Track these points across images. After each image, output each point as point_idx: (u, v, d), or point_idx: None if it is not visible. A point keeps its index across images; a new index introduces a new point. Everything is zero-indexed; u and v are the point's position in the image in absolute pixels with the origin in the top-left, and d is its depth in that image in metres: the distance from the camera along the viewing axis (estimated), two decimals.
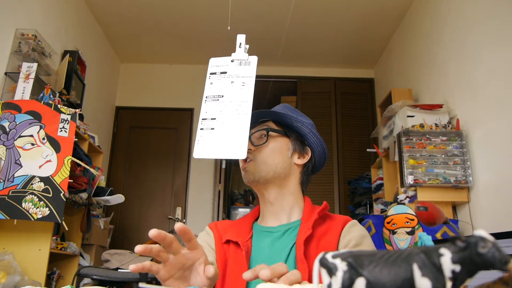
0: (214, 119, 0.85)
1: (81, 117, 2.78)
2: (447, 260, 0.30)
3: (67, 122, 2.29)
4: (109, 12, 3.59)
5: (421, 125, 2.49)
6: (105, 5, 3.49)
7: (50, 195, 2.13)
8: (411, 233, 1.65)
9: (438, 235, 2.07)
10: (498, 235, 1.46)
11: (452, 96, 2.57)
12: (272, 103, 4.42)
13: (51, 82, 2.70)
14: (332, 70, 4.39)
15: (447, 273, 0.29)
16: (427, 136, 2.41)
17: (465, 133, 2.36)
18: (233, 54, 0.95)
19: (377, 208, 3.04)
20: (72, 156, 2.26)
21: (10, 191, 2.10)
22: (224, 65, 0.93)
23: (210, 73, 0.94)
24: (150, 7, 3.48)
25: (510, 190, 1.95)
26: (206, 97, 0.89)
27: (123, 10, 3.54)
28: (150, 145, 4.25)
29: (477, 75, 2.29)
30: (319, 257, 0.35)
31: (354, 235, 0.88)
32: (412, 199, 2.37)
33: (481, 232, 0.29)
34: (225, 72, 0.93)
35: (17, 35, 2.47)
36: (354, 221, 0.93)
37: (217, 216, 3.52)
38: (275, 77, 4.21)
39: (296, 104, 4.21)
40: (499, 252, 0.28)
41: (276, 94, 4.38)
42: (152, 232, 0.60)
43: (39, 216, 2.09)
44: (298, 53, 4.18)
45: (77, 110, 2.38)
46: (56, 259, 2.56)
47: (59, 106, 2.31)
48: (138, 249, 0.59)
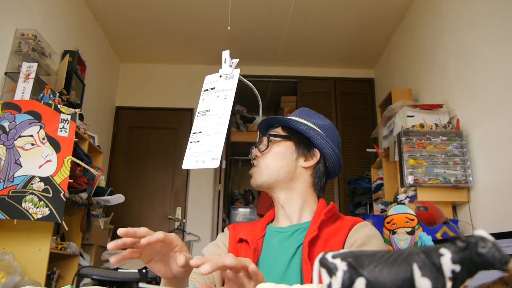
0: (201, 133, 0.93)
1: (81, 117, 2.78)
2: (447, 260, 0.30)
3: (67, 122, 2.29)
4: (109, 12, 3.59)
5: (421, 125, 2.49)
6: (105, 5, 3.49)
7: (50, 195, 2.13)
8: (411, 233, 1.65)
9: (438, 235, 2.07)
10: (498, 235, 1.46)
11: (452, 96, 2.57)
12: (272, 103, 4.43)
13: (51, 82, 2.70)
14: (332, 70, 4.39)
15: (447, 273, 0.29)
16: (427, 136, 2.42)
17: (465, 133, 2.36)
18: (220, 70, 1.00)
19: (377, 208, 3.04)
20: (72, 156, 2.26)
21: (10, 191, 2.10)
22: (214, 81, 0.99)
23: (204, 90, 1.00)
24: (150, 7, 3.48)
25: (510, 190, 1.95)
26: (198, 113, 0.97)
27: (123, 10, 3.54)
28: (150, 145, 4.25)
29: (477, 75, 2.29)
30: (319, 257, 0.35)
31: (361, 235, 0.88)
32: (412, 199, 2.37)
33: (481, 232, 0.29)
34: (214, 88, 0.98)
35: (17, 35, 2.47)
36: (365, 223, 0.93)
37: (217, 216, 3.52)
38: (275, 77, 4.21)
39: (296, 104, 4.22)
40: (499, 252, 0.28)
41: (276, 94, 4.38)
42: (120, 231, 0.63)
43: (39, 216, 2.09)
44: (298, 53, 4.18)
45: (77, 110, 2.38)
46: (56, 259, 2.56)
47: (59, 106, 2.31)
48: (110, 246, 0.62)
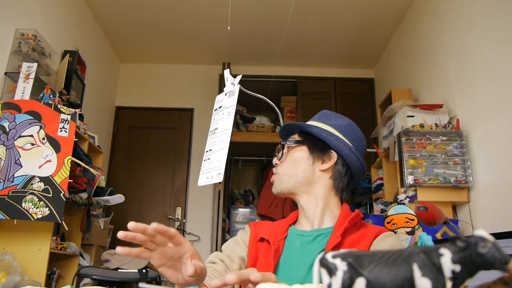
0: (211, 150, 0.98)
1: (81, 117, 2.78)
2: (447, 260, 0.30)
3: (67, 122, 2.29)
4: (109, 12, 3.59)
5: (421, 125, 2.49)
6: (105, 5, 3.49)
7: (50, 195, 2.13)
8: (411, 233, 1.65)
9: (438, 235, 2.07)
10: (498, 235, 1.46)
11: (452, 96, 2.57)
12: (273, 103, 4.42)
13: (51, 82, 2.70)
14: (332, 70, 4.39)
15: (447, 273, 0.29)
16: (427, 136, 2.41)
17: (465, 133, 2.36)
18: (225, 88, 1.05)
19: (377, 208, 3.04)
20: (72, 156, 2.26)
21: (10, 191, 2.10)
22: (221, 100, 1.05)
23: (214, 110, 1.06)
24: (150, 7, 3.48)
25: (510, 190, 1.95)
26: (210, 132, 1.03)
27: (123, 10, 3.54)
28: (150, 145, 4.25)
29: (477, 75, 2.29)
30: (319, 257, 0.35)
31: (386, 246, 0.87)
32: (412, 199, 2.37)
33: (481, 232, 0.29)
34: (221, 107, 1.04)
35: (17, 35, 2.47)
36: (389, 233, 0.93)
37: (217, 216, 3.51)
38: (275, 77, 4.20)
39: (296, 104, 4.21)
40: (499, 252, 0.28)
41: (276, 94, 4.38)
42: (130, 225, 0.61)
43: (39, 216, 2.09)
44: (298, 53, 4.18)
45: (77, 110, 2.38)
46: (56, 259, 2.56)
47: (59, 106, 2.31)
48: (120, 235, 0.60)
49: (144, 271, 2.37)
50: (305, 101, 4.16)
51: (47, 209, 2.11)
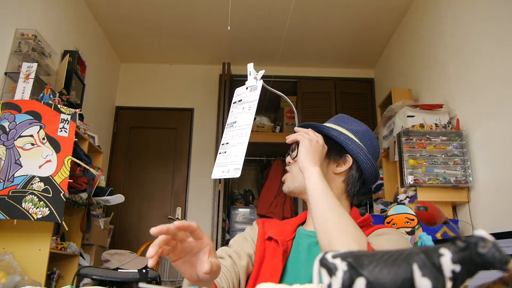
0: (228, 144, 0.96)
1: (81, 117, 2.78)
2: (447, 260, 0.30)
3: (67, 122, 2.29)
4: (109, 12, 3.59)
5: (421, 125, 2.49)
6: (105, 5, 3.49)
7: (50, 195, 2.13)
8: (411, 233, 1.65)
9: (438, 235, 2.07)
10: (498, 235, 1.46)
11: (452, 96, 2.57)
12: (272, 103, 4.43)
13: (51, 82, 2.70)
14: (332, 70, 4.39)
15: (447, 273, 0.29)
16: (427, 136, 2.41)
17: (465, 133, 2.36)
18: (246, 82, 1.03)
19: (377, 208, 3.04)
20: (72, 156, 2.26)
21: (10, 191, 2.10)
22: (241, 94, 1.03)
23: (233, 102, 1.03)
24: (150, 7, 3.48)
25: (510, 190, 1.95)
26: (227, 125, 1.00)
27: (123, 10, 3.54)
28: (150, 145, 4.25)
29: (477, 75, 2.29)
30: (319, 257, 0.35)
31: (381, 244, 0.82)
32: (412, 199, 2.37)
33: (481, 232, 0.29)
34: (241, 100, 1.02)
35: (17, 35, 2.47)
36: (383, 230, 0.89)
37: (217, 216, 3.51)
38: (275, 77, 4.20)
39: (296, 104, 4.21)
40: (499, 252, 0.28)
41: (276, 94, 4.38)
42: (153, 230, 0.63)
43: (39, 216, 2.09)
44: (298, 53, 4.18)
45: (77, 110, 2.38)
46: (56, 259, 2.56)
47: (59, 106, 2.31)
48: (153, 231, 0.63)
49: (144, 271, 2.37)
50: (305, 101, 4.16)
51: (47, 209, 2.10)
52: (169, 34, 3.90)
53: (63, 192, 2.16)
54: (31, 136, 2.20)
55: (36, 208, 2.09)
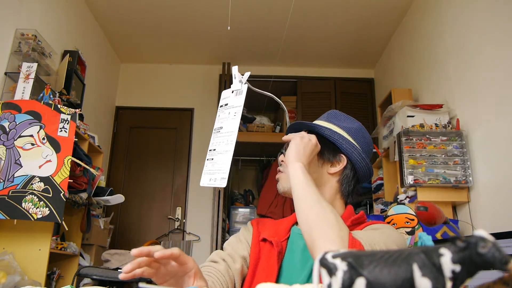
0: (215, 150, 0.95)
1: (81, 117, 2.78)
2: (447, 260, 0.30)
3: (67, 122, 2.29)
4: (109, 12, 3.59)
5: (421, 125, 2.49)
6: (105, 5, 3.49)
7: (50, 195, 2.13)
8: (411, 233, 1.65)
9: (438, 235, 2.07)
10: (498, 235, 1.46)
11: (452, 96, 2.57)
12: (273, 103, 4.42)
13: (51, 82, 2.70)
14: (332, 70, 4.39)
15: (447, 273, 0.29)
16: (427, 136, 2.41)
17: (465, 133, 2.36)
18: (232, 86, 1.01)
19: (377, 208, 3.04)
20: (72, 156, 2.26)
21: (10, 191, 2.10)
22: (227, 97, 1.00)
23: (220, 106, 1.01)
24: (150, 7, 3.48)
25: (510, 190, 1.95)
26: (214, 130, 0.98)
27: (123, 10, 3.54)
28: (150, 145, 4.25)
29: (477, 75, 2.29)
30: (319, 257, 0.35)
31: (375, 238, 0.80)
32: (412, 199, 2.37)
33: (481, 232, 0.29)
34: (227, 104, 1.00)
35: (17, 35, 2.47)
36: (377, 225, 0.88)
37: (217, 216, 3.51)
38: (275, 77, 4.20)
39: (296, 104, 4.21)
40: (499, 252, 0.28)
41: (276, 94, 4.35)
42: (134, 252, 0.64)
43: (39, 216, 2.09)
44: (298, 53, 4.18)
45: (77, 110, 2.38)
46: (56, 259, 2.56)
47: (59, 106, 2.31)
48: (126, 270, 0.63)
49: None
50: (305, 101, 4.16)
51: (47, 209, 2.10)
52: (169, 34, 3.90)
53: (63, 192, 2.16)
54: (31, 136, 2.20)
55: (36, 208, 2.09)
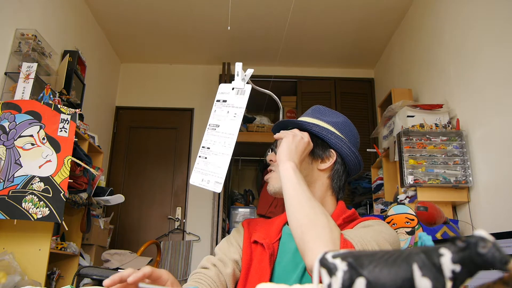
0: (209, 149, 0.90)
1: (81, 117, 2.78)
2: (447, 260, 0.30)
3: (67, 122, 2.29)
4: (109, 12, 3.59)
5: (421, 125, 2.49)
6: (105, 5, 3.49)
7: (50, 195, 2.13)
8: (411, 233, 1.64)
9: (438, 235, 2.07)
10: (498, 235, 1.46)
11: (452, 96, 2.57)
12: (272, 103, 4.42)
13: (51, 82, 2.70)
14: (332, 70, 4.39)
15: (447, 273, 0.29)
16: (427, 136, 2.41)
17: (465, 133, 2.36)
18: (233, 82, 0.96)
19: (377, 208, 3.04)
20: (72, 156, 2.26)
21: (10, 191, 2.10)
22: (226, 93, 0.95)
23: (216, 100, 0.96)
24: (150, 7, 3.48)
25: (510, 190, 1.95)
26: (209, 125, 0.93)
27: (123, 10, 3.54)
28: (150, 145, 4.25)
29: (477, 75, 2.29)
30: (319, 257, 0.35)
31: (361, 238, 0.81)
32: (412, 199, 2.37)
33: (481, 232, 0.29)
34: (226, 101, 0.95)
35: (17, 35, 2.47)
36: (368, 222, 0.87)
37: (217, 216, 3.51)
38: (275, 77, 4.21)
39: (296, 104, 4.22)
40: (499, 252, 0.28)
41: (276, 94, 4.36)
42: (106, 282, 0.66)
43: (39, 216, 2.09)
44: (298, 53, 4.18)
45: (77, 110, 2.38)
46: (56, 259, 2.56)
47: (59, 106, 2.31)
48: (106, 283, 0.66)
49: None
50: (305, 101, 4.16)
51: (47, 209, 2.10)
52: (169, 34, 3.90)
53: (63, 192, 2.16)
54: (31, 136, 2.20)
55: (36, 208, 2.09)
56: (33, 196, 2.11)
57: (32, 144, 2.19)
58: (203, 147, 0.91)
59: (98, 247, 3.07)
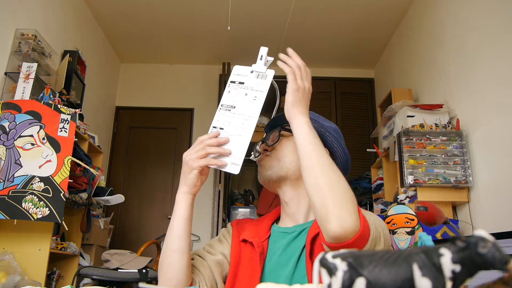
0: (222, 129, 0.87)
1: (81, 117, 2.78)
2: (447, 260, 0.30)
3: (67, 122, 2.29)
4: (109, 12, 3.59)
5: (421, 125, 2.49)
6: (105, 5, 3.49)
7: (50, 195, 2.13)
8: (411, 233, 1.64)
9: (438, 235, 2.07)
10: (498, 235, 1.46)
11: (452, 96, 2.57)
12: (272, 103, 4.43)
13: (51, 82, 2.70)
14: (332, 70, 4.39)
15: (447, 273, 0.29)
16: (427, 136, 2.41)
17: (465, 133, 2.36)
18: (253, 65, 0.96)
19: (377, 208, 3.04)
20: (72, 156, 2.26)
21: (10, 191, 2.10)
22: (244, 75, 0.94)
23: (231, 81, 0.93)
24: (150, 7, 3.48)
25: (510, 190, 1.95)
26: (221, 105, 0.90)
27: (123, 10, 3.54)
28: (150, 145, 4.25)
29: (477, 75, 2.29)
30: (319, 257, 0.35)
31: None
32: (412, 199, 2.37)
33: (481, 232, 0.29)
34: (243, 83, 0.92)
35: (17, 35, 2.47)
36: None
37: (217, 216, 3.51)
38: (275, 77, 4.18)
39: None
40: (499, 252, 0.28)
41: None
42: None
43: (39, 216, 2.09)
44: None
45: (77, 110, 2.38)
46: (56, 259, 2.56)
47: (59, 106, 2.31)
48: None
49: (144, 271, 2.37)
50: None
51: (47, 209, 2.10)
52: (169, 34, 3.90)
53: (63, 192, 2.16)
54: (31, 136, 2.20)
55: (36, 208, 2.09)
56: (33, 196, 2.11)
57: (32, 144, 2.19)
58: (215, 127, 0.88)
59: (98, 247, 3.07)
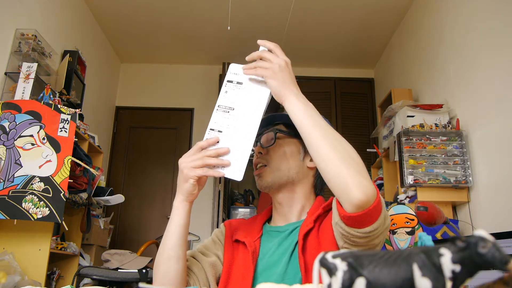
0: (221, 132, 0.82)
1: (81, 117, 2.78)
2: (447, 260, 0.30)
3: (67, 122, 2.29)
4: (109, 12, 3.59)
5: (421, 125, 2.49)
6: (105, 5, 3.49)
7: (50, 195, 2.13)
8: (411, 233, 1.64)
9: (438, 235, 2.07)
10: (498, 235, 1.46)
11: (452, 96, 2.57)
12: (272, 103, 4.43)
13: (51, 82, 2.70)
14: (332, 70, 4.39)
15: (447, 273, 0.29)
16: (427, 136, 2.41)
17: (465, 133, 2.36)
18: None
19: None
20: (72, 156, 2.26)
21: (10, 191, 2.10)
22: (241, 74, 0.87)
23: (227, 81, 0.87)
24: (150, 7, 3.48)
25: (510, 190, 1.95)
26: (218, 106, 0.84)
27: (124, 10, 3.54)
28: (150, 145, 4.25)
29: (477, 75, 2.29)
30: (319, 257, 0.35)
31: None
32: (412, 199, 2.37)
33: (481, 232, 0.29)
34: (241, 83, 0.86)
35: (17, 35, 2.47)
36: None
37: (217, 216, 3.51)
38: None
39: None
40: (499, 252, 0.28)
41: None
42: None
43: (39, 216, 2.09)
44: (298, 53, 4.18)
45: (77, 110, 2.38)
46: (56, 259, 2.56)
47: (59, 106, 2.31)
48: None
49: (144, 271, 2.37)
50: None
51: (47, 209, 2.10)
52: (169, 34, 3.90)
53: (63, 192, 2.16)
54: (31, 136, 2.20)
55: (36, 208, 2.09)
56: (33, 196, 2.11)
57: (32, 144, 2.19)
58: (212, 130, 0.82)
59: (98, 247, 3.07)
